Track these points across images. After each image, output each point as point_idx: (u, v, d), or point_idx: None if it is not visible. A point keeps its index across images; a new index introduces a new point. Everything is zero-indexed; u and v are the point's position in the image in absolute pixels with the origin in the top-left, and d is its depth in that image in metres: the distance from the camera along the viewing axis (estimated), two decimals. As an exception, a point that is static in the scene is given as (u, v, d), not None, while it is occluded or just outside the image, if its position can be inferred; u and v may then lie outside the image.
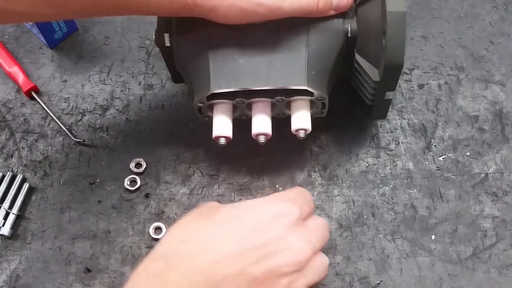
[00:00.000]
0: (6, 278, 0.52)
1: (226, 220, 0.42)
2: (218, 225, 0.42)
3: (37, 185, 0.57)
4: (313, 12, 0.47)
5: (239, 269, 0.39)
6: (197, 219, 0.43)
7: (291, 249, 0.41)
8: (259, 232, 0.41)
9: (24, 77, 0.62)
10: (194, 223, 0.43)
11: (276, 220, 0.41)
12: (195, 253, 0.39)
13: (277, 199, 0.44)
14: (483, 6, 0.66)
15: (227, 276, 0.38)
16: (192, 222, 0.43)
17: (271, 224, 0.41)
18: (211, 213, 0.43)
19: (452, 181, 0.55)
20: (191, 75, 0.51)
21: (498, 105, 0.60)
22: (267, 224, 0.41)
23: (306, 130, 0.50)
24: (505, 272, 0.51)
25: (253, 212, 0.43)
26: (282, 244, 0.40)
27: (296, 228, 0.42)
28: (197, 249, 0.40)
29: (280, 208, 0.42)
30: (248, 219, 0.42)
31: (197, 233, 0.41)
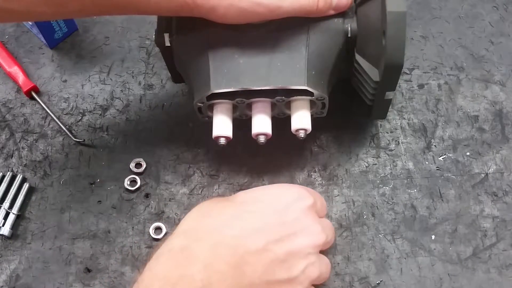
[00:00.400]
0: (6, 278, 0.52)
1: (243, 203, 0.43)
2: (236, 207, 0.43)
3: (37, 185, 0.57)
4: (313, 11, 0.47)
5: (262, 245, 0.39)
6: (214, 203, 0.44)
7: (309, 231, 0.42)
8: (278, 213, 0.42)
9: (24, 77, 0.62)
10: (212, 205, 0.44)
11: (293, 203, 0.43)
12: (219, 227, 0.41)
13: (293, 185, 0.46)
14: (483, 6, 0.66)
15: (251, 251, 0.39)
16: (210, 205, 0.44)
17: (289, 206, 0.43)
18: (225, 199, 0.44)
19: (452, 181, 0.55)
20: (191, 75, 0.51)
21: (498, 105, 0.60)
22: (285, 206, 0.43)
23: (306, 130, 0.50)
24: (505, 272, 0.51)
25: (270, 195, 0.44)
26: (300, 225, 0.42)
27: (311, 213, 0.43)
28: (220, 224, 0.41)
29: (297, 193, 0.44)
30: (267, 200, 0.43)
31: (219, 212, 0.42)
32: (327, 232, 0.44)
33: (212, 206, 0.44)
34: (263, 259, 0.39)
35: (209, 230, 0.41)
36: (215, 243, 0.39)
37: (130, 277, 0.52)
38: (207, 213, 0.43)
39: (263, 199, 0.44)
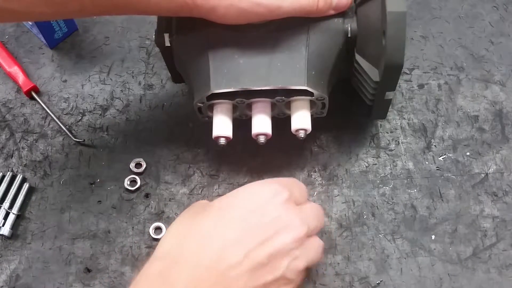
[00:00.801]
0: (6, 278, 0.52)
1: (220, 210, 0.42)
2: (214, 216, 0.42)
3: (37, 185, 0.57)
4: (313, 11, 0.47)
5: (243, 255, 0.39)
6: (192, 216, 0.43)
7: (288, 226, 0.41)
8: (254, 216, 0.41)
9: (24, 77, 0.62)
10: (190, 219, 0.43)
11: (269, 201, 0.42)
12: (196, 249, 0.40)
13: (266, 182, 0.44)
14: (483, 6, 0.66)
15: (232, 264, 0.39)
16: (188, 219, 0.43)
17: (265, 205, 0.42)
18: (204, 208, 0.43)
19: (452, 181, 0.55)
20: (191, 75, 0.51)
21: (498, 105, 0.60)
22: (260, 206, 0.42)
23: (306, 130, 0.50)
24: (505, 272, 0.51)
25: (244, 197, 0.43)
26: (279, 223, 0.41)
27: (290, 206, 0.42)
28: (197, 246, 0.40)
29: (271, 190, 0.43)
30: (242, 204, 0.42)
31: (195, 229, 0.41)
32: (310, 220, 0.43)
33: (187, 224, 0.42)
34: (246, 268, 0.39)
35: (186, 253, 0.40)
36: (194, 266, 0.39)
37: (130, 277, 0.52)
38: (184, 231, 0.42)
39: (238, 203, 0.43)
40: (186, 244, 0.40)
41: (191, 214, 0.44)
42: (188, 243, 0.40)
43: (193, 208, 0.45)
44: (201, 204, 0.45)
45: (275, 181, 0.44)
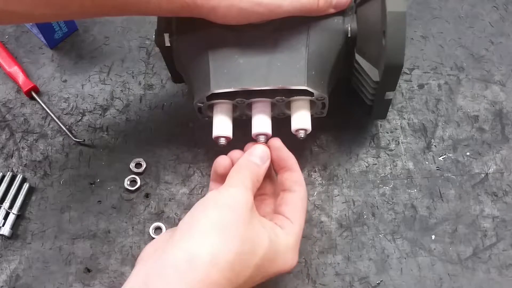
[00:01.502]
0: (6, 278, 0.52)
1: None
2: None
3: (37, 185, 0.57)
4: (313, 10, 0.47)
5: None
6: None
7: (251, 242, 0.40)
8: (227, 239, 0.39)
9: (24, 77, 0.62)
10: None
11: (221, 218, 0.40)
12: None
13: (209, 201, 0.42)
14: (483, 6, 0.66)
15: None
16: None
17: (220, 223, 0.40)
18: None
19: (452, 181, 0.55)
20: (191, 75, 0.51)
21: (498, 105, 0.60)
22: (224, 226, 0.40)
23: (306, 130, 0.50)
24: (505, 272, 0.51)
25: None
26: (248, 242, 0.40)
27: (244, 214, 0.41)
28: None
29: (221, 206, 0.41)
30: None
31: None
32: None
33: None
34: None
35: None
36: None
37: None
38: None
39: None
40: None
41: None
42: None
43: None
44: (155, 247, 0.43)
45: (214, 193, 0.43)
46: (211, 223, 0.39)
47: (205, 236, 0.38)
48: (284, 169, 0.47)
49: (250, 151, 0.47)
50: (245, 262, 0.39)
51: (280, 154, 0.47)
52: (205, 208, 0.41)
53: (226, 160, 0.47)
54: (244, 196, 0.42)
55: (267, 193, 0.49)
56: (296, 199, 0.46)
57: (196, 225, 0.39)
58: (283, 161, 0.47)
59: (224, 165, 0.47)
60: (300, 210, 0.46)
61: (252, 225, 0.41)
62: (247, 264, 0.39)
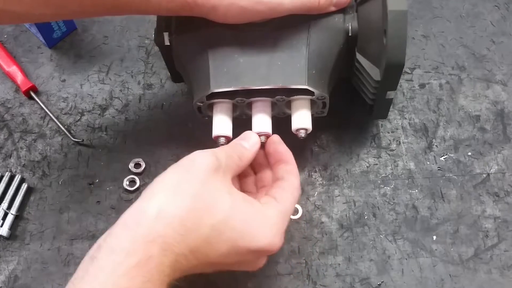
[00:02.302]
0: (5, 279, 0.52)
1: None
2: None
3: (35, 185, 0.56)
4: (314, 8, 0.47)
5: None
6: None
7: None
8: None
9: (22, 77, 0.61)
10: None
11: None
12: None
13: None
14: (484, 5, 0.66)
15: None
16: None
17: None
18: None
19: (453, 181, 0.55)
20: (191, 74, 0.50)
21: (499, 105, 0.59)
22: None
23: (307, 129, 0.49)
24: (506, 273, 0.51)
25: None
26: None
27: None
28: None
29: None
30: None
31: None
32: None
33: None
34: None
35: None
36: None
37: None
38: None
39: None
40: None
41: None
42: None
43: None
44: None
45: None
46: (164, 183, 0.39)
47: (155, 194, 0.38)
48: (279, 161, 0.47)
49: (242, 135, 0.47)
50: (198, 220, 0.38)
51: (276, 147, 0.47)
52: (165, 172, 0.41)
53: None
54: (205, 158, 0.41)
55: (267, 185, 0.48)
56: (286, 184, 0.45)
57: (153, 186, 0.39)
58: (279, 154, 0.47)
59: None
60: (288, 194, 0.44)
61: (211, 187, 0.40)
62: (201, 222, 0.38)
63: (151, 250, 0.36)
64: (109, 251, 0.36)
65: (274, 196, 0.44)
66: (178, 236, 0.37)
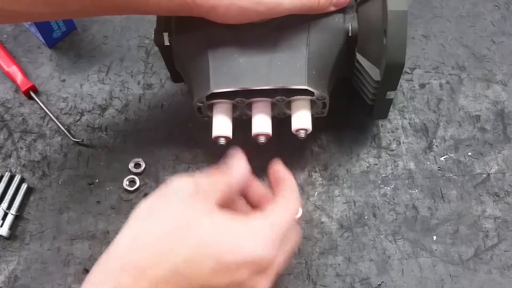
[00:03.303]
0: (5, 279, 0.52)
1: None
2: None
3: (35, 185, 0.56)
4: (314, 8, 0.47)
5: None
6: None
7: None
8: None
9: (22, 77, 0.61)
10: None
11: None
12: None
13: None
14: (484, 5, 0.66)
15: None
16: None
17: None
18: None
19: (453, 182, 0.55)
20: (191, 74, 0.50)
21: (500, 105, 0.59)
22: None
23: (307, 130, 0.49)
24: (507, 273, 0.51)
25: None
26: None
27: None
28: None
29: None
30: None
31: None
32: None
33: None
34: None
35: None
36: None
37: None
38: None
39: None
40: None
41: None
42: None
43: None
44: None
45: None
46: (139, 211, 0.38)
47: (129, 223, 0.37)
48: (280, 185, 0.43)
49: (230, 163, 0.43)
50: (174, 241, 0.35)
51: (277, 175, 0.44)
52: (142, 200, 0.39)
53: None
54: (181, 183, 0.39)
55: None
56: (279, 198, 0.41)
57: (129, 218, 0.38)
58: (281, 180, 0.44)
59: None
60: (279, 204, 0.41)
61: (188, 209, 0.37)
62: (177, 242, 0.35)
63: (121, 279, 0.34)
64: (89, 285, 0.36)
65: (263, 209, 0.40)
66: (152, 260, 0.34)
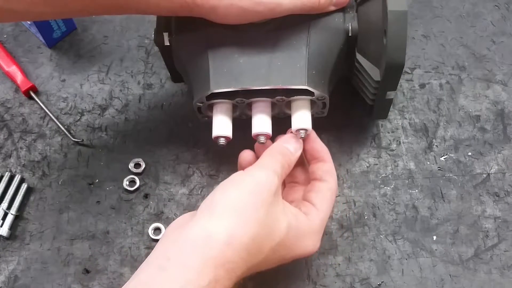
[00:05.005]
0: (5, 279, 0.52)
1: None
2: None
3: (35, 185, 0.56)
4: (315, 7, 0.47)
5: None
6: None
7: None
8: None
9: (22, 77, 0.61)
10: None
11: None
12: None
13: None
14: (484, 5, 0.66)
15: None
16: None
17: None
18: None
19: (453, 182, 0.55)
20: (191, 74, 0.50)
21: (500, 105, 0.59)
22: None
23: (307, 130, 0.49)
24: (506, 273, 0.51)
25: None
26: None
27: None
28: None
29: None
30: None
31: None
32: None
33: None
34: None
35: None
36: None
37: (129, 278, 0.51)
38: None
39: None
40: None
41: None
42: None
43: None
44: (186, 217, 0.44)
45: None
46: (230, 204, 0.40)
47: (223, 216, 0.39)
48: (316, 159, 0.48)
49: (283, 138, 0.48)
50: (261, 246, 0.40)
51: (313, 145, 0.48)
52: (226, 189, 0.42)
53: (250, 154, 0.48)
54: (269, 180, 0.42)
55: (298, 181, 0.50)
56: (325, 188, 0.46)
57: (216, 204, 0.40)
58: (316, 152, 0.48)
59: (248, 159, 0.48)
60: (328, 199, 0.46)
61: (272, 210, 0.41)
62: (262, 247, 0.40)
63: (220, 274, 0.37)
64: (181, 267, 0.37)
65: (314, 202, 0.45)
66: (242, 261, 0.39)
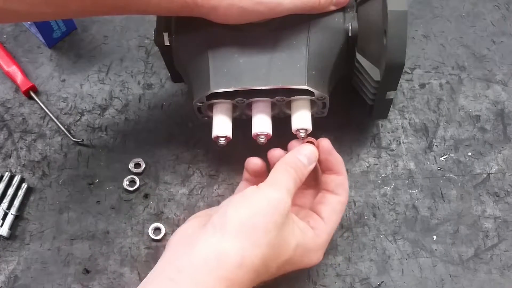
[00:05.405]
0: (5, 279, 0.52)
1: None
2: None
3: (35, 185, 0.56)
4: (315, 7, 0.47)
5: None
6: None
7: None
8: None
9: (22, 77, 0.61)
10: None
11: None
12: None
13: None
14: (484, 5, 0.66)
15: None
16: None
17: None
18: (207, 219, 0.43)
19: (453, 182, 0.55)
20: (191, 74, 0.50)
21: (500, 105, 0.59)
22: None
23: (307, 130, 0.49)
24: (507, 273, 0.51)
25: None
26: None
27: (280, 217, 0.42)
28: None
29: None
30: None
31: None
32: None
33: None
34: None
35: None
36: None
37: (129, 278, 0.51)
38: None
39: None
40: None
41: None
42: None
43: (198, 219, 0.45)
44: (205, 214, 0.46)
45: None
46: (242, 223, 0.40)
47: (236, 236, 0.40)
48: (331, 171, 0.47)
49: (298, 149, 0.46)
50: (268, 265, 0.41)
51: (329, 157, 0.47)
52: (239, 206, 0.42)
53: (258, 161, 0.48)
54: (282, 201, 0.42)
55: (310, 185, 0.49)
56: (336, 202, 0.47)
57: (229, 222, 0.40)
58: (331, 164, 0.47)
59: (255, 166, 0.48)
60: (337, 213, 0.46)
61: (283, 233, 0.41)
62: (270, 266, 0.41)
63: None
64: (193, 282, 0.38)
65: (323, 215, 0.46)
66: (250, 282, 0.40)
